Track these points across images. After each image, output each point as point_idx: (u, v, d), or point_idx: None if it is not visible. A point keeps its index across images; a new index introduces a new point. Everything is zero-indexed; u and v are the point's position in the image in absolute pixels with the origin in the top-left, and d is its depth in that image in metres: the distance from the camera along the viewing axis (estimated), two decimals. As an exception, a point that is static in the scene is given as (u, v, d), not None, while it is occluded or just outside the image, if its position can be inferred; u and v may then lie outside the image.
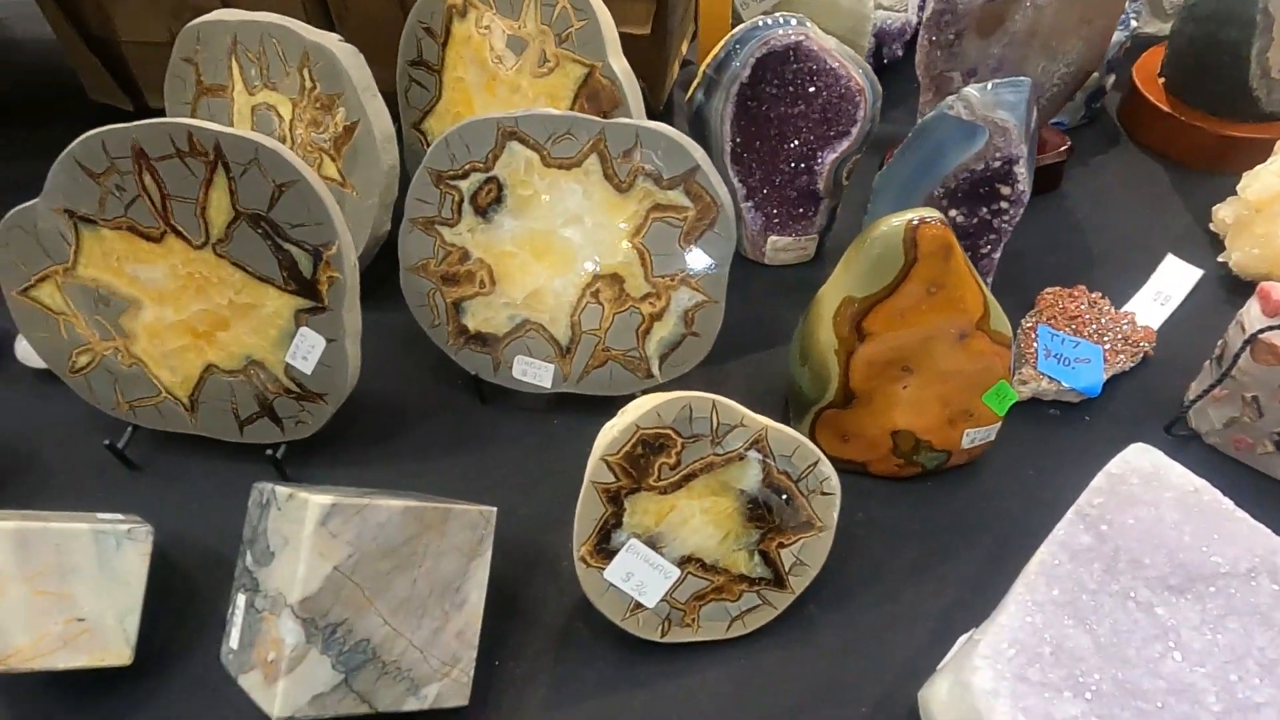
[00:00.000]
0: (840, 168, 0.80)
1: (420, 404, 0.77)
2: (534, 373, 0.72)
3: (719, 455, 0.56)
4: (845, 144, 0.78)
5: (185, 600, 0.64)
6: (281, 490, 0.52)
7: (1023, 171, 0.70)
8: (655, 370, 0.71)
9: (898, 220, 0.58)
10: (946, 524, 0.67)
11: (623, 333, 0.70)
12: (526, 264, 0.69)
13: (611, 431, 0.56)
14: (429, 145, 0.86)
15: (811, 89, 0.76)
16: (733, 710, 0.57)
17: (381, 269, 0.80)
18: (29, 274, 0.66)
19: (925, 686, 0.53)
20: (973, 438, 0.66)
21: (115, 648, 0.57)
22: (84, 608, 0.56)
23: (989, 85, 0.68)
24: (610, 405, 0.74)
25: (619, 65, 0.75)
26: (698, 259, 0.66)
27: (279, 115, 0.79)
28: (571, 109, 0.77)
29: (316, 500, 0.48)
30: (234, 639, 0.53)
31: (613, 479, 0.55)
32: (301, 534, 0.48)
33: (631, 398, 0.73)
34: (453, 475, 0.71)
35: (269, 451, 0.69)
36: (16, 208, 0.64)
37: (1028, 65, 0.84)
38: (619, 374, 0.71)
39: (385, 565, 0.51)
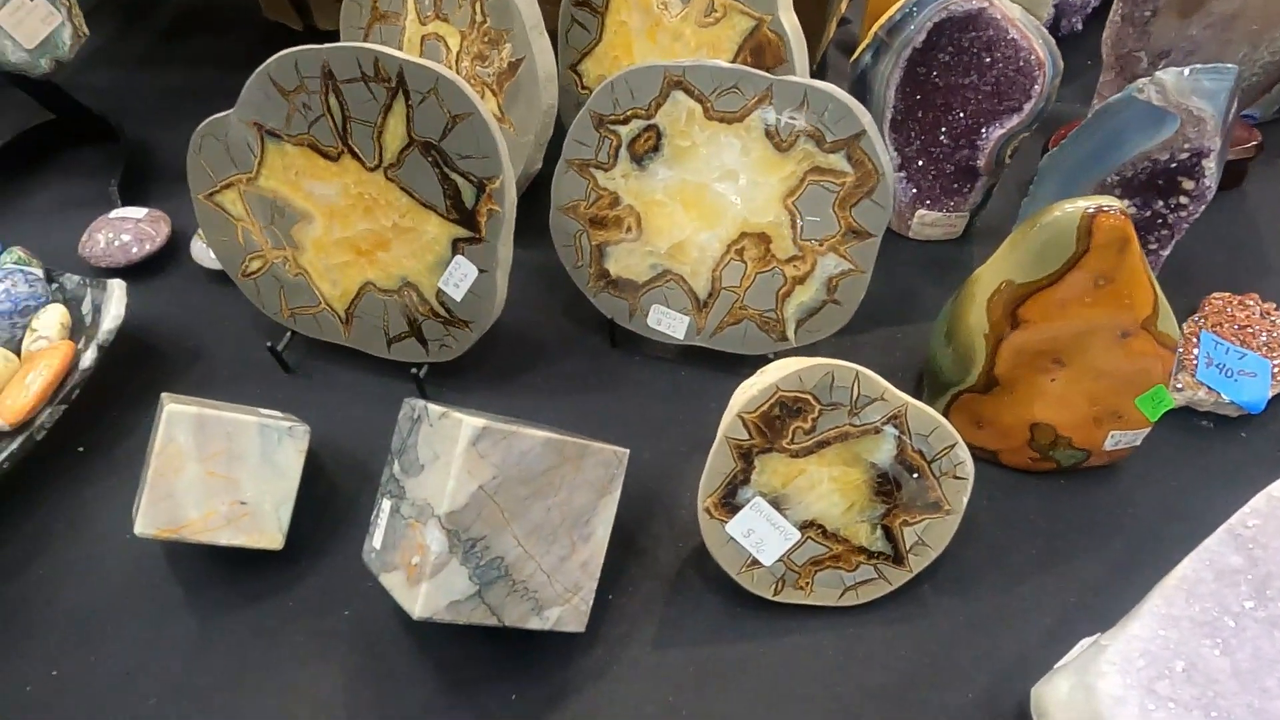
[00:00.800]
0: (1005, 145, 0.76)
1: (553, 341, 0.79)
2: (668, 323, 0.73)
3: (855, 426, 0.56)
4: (1015, 120, 0.74)
5: (327, 497, 0.69)
6: (434, 408, 0.55)
7: (1211, 166, 0.65)
8: (790, 334, 0.71)
9: (1073, 206, 0.55)
10: (1075, 524, 0.65)
11: (762, 293, 0.70)
12: (675, 215, 0.69)
13: (750, 390, 0.56)
14: (583, 87, 0.87)
15: (988, 59, 0.72)
16: (836, 677, 0.58)
17: (527, 206, 0.82)
18: (216, 180, 0.71)
19: (1041, 683, 0.53)
20: (1117, 440, 0.64)
21: (270, 532, 0.62)
22: (247, 492, 0.61)
23: (1187, 70, 0.63)
24: (740, 363, 0.75)
25: (789, 21, 0.73)
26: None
27: (447, 47, 0.81)
28: (733, 62, 0.76)
29: (470, 421, 0.51)
30: (377, 540, 0.57)
31: (746, 436, 0.56)
32: (453, 451, 0.51)
33: (762, 359, 0.73)
34: (579, 413, 0.74)
35: (414, 370, 0.73)
36: (211, 117, 0.69)
37: (1228, 51, 0.78)
38: (753, 334, 0.71)
39: (524, 491, 0.53)
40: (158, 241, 0.87)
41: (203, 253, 0.85)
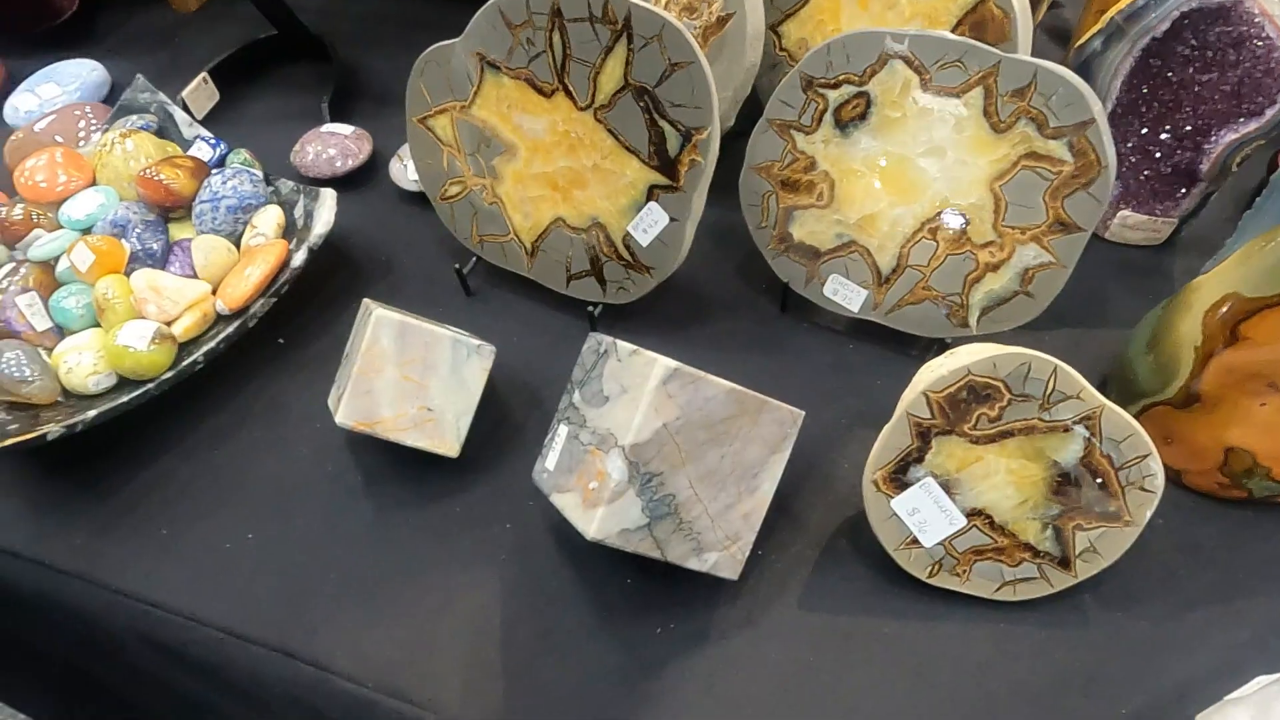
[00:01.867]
0: (1235, 152, 0.71)
1: (723, 298, 0.80)
2: (845, 294, 0.73)
3: (1044, 421, 0.55)
4: (1253, 126, 0.69)
5: (498, 418, 0.72)
6: (623, 345, 0.57)
7: None
8: (972, 321, 0.69)
9: (1324, 223, 0.52)
10: (1258, 559, 0.61)
11: (950, 275, 0.68)
12: (871, 186, 0.68)
13: (939, 369, 0.56)
14: (780, 49, 0.87)
15: (1233, 56, 0.67)
16: (984, 670, 0.57)
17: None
18: (431, 105, 0.75)
19: (1210, 712, 0.51)
20: (1323, 479, 0.60)
21: (449, 440, 0.66)
22: (434, 400, 0.65)
23: None
24: (911, 344, 0.74)
25: (1018, -3, 0.70)
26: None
27: (656, -4, 0.82)
28: (948, 36, 0.74)
29: (664, 361, 0.52)
30: (550, 461, 0.60)
31: (928, 415, 0.56)
32: (644, 387, 0.53)
33: (938, 342, 0.72)
34: (743, 374, 0.73)
35: (590, 308, 0.76)
36: (436, 44, 0.72)
37: None
38: (932, 316, 0.70)
39: (703, 435, 0.55)
40: (360, 158, 0.93)
41: (400, 173, 0.90)
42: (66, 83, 1.05)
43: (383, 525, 0.67)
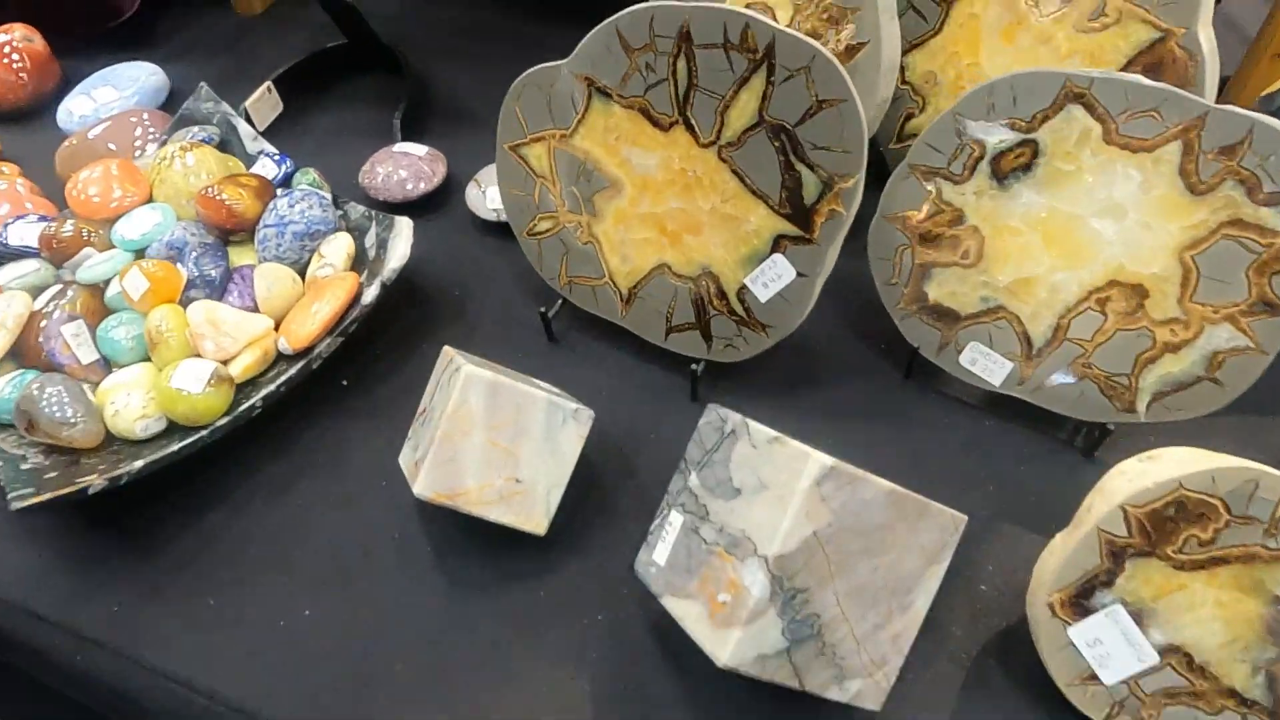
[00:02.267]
0: None
1: (839, 361, 0.72)
2: (985, 365, 0.64)
3: (1268, 549, 0.45)
4: None
5: (588, 486, 0.64)
6: (758, 428, 0.48)
7: None
8: (1141, 406, 0.60)
9: None
10: None
11: (1119, 353, 0.59)
12: (1030, 247, 0.60)
13: (1142, 479, 0.47)
14: (904, 82, 0.78)
15: None
16: (1171, 834, 0.48)
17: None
18: (527, 132, 0.67)
19: None
20: None
21: (537, 516, 0.58)
22: (524, 470, 0.57)
23: None
24: (1059, 424, 0.65)
25: (1206, 38, 0.61)
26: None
27: (774, 19, 0.74)
28: (1115, 77, 0.65)
29: (819, 457, 0.44)
30: (660, 555, 0.52)
31: (1124, 533, 0.47)
32: (794, 487, 0.44)
33: (1093, 426, 0.63)
34: (862, 450, 0.65)
35: (693, 366, 0.67)
36: (539, 65, 0.65)
37: None
38: (1092, 397, 0.61)
39: (856, 544, 0.46)
40: (434, 182, 0.86)
41: (478, 200, 0.83)
42: (124, 87, 0.99)
43: (456, 608, 0.59)
